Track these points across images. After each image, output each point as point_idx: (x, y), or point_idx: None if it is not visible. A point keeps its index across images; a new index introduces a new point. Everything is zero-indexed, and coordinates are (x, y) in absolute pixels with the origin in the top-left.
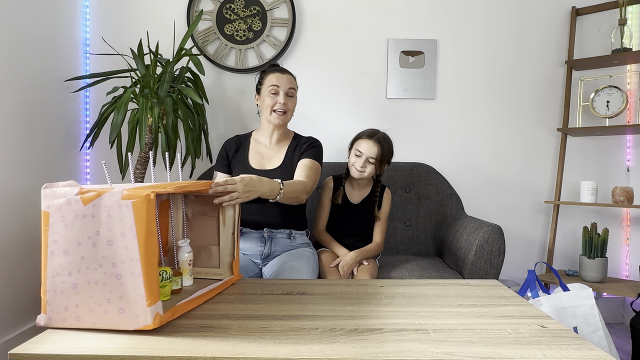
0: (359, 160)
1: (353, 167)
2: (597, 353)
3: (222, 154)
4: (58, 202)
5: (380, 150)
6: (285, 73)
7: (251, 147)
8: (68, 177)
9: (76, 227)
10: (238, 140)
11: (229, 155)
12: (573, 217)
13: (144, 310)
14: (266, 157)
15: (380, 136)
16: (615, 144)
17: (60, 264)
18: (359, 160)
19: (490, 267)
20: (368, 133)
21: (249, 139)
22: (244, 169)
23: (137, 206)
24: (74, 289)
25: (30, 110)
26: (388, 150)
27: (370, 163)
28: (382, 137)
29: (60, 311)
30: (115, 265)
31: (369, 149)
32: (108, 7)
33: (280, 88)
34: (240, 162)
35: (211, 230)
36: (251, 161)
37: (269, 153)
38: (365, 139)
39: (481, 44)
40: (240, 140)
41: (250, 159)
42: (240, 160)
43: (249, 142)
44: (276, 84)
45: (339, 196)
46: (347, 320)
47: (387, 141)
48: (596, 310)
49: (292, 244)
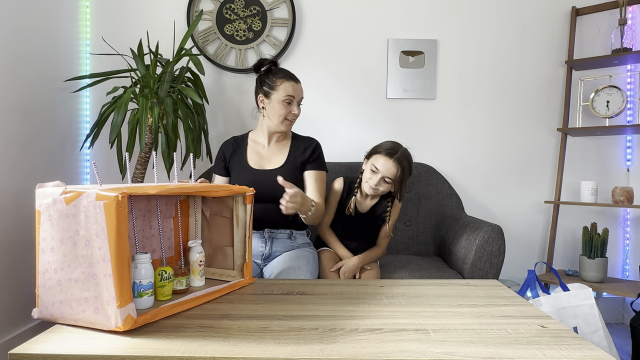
0: (374, 177)
1: (367, 184)
2: (597, 353)
3: (219, 156)
4: (46, 202)
5: (399, 171)
6: (299, 82)
7: (249, 147)
8: (67, 177)
9: (60, 226)
10: (235, 142)
11: (226, 157)
12: (573, 217)
13: (115, 312)
14: (265, 157)
15: (401, 155)
16: (615, 144)
17: (48, 261)
18: (374, 177)
19: (490, 267)
20: (388, 150)
21: (246, 140)
22: (243, 169)
23: (107, 207)
24: (58, 285)
25: (30, 110)
26: (408, 170)
27: (387, 183)
28: (403, 156)
29: (49, 306)
30: (92, 265)
31: (387, 169)
32: (108, 7)
33: (295, 99)
34: (239, 162)
35: (226, 231)
36: (250, 161)
37: (267, 153)
38: (384, 155)
39: (481, 44)
40: (237, 141)
41: (248, 159)
42: (238, 161)
43: (246, 142)
44: (293, 94)
45: (350, 206)
46: (347, 320)
47: (408, 161)
48: (596, 310)
49: (293, 244)
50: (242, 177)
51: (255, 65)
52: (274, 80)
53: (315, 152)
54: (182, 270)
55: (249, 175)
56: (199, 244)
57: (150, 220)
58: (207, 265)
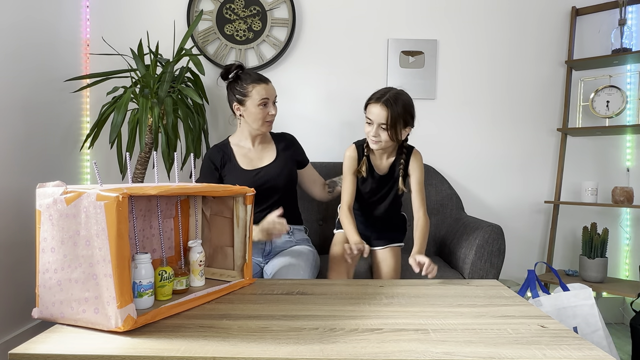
0: (371, 129)
1: (368, 137)
2: (597, 353)
3: (208, 167)
4: (47, 202)
5: (389, 113)
6: (269, 82)
7: (235, 152)
8: (68, 177)
9: (60, 226)
10: (220, 150)
11: (217, 164)
12: (573, 217)
13: (115, 312)
14: (255, 158)
15: (391, 96)
16: (615, 144)
17: (48, 261)
18: (371, 128)
19: (490, 267)
20: (377, 95)
21: (230, 146)
22: (239, 173)
23: (108, 207)
24: (58, 285)
25: (30, 110)
26: (402, 110)
27: (383, 129)
28: (392, 97)
29: (49, 306)
30: (92, 265)
31: (377, 114)
32: (108, 7)
33: (270, 99)
34: (231, 168)
35: (226, 231)
36: (242, 164)
37: (256, 154)
38: (373, 102)
39: (481, 44)
40: (221, 149)
41: (240, 163)
42: (230, 167)
43: (230, 148)
44: (266, 96)
45: (362, 167)
46: (347, 320)
47: (399, 100)
48: (596, 310)
49: (292, 240)
50: (239, 180)
51: (223, 73)
52: (244, 87)
53: (298, 146)
54: (182, 270)
55: (246, 177)
56: (199, 244)
57: (150, 220)
58: (207, 265)
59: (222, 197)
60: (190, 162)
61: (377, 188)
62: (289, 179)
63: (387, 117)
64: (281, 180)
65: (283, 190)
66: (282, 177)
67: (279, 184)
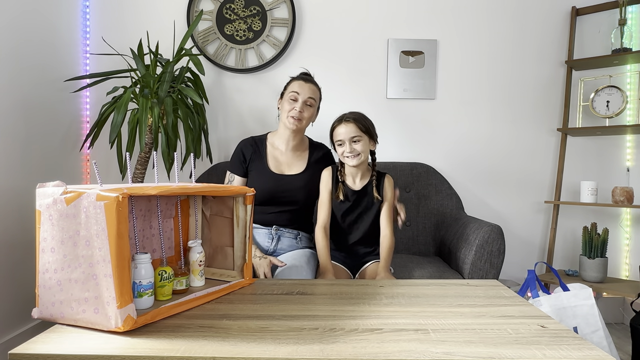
0: (344, 148)
1: (344, 158)
2: (597, 353)
3: (238, 156)
4: (47, 202)
5: (356, 124)
6: (309, 82)
7: (268, 151)
8: (68, 177)
9: (60, 226)
10: (254, 143)
11: (247, 157)
12: (573, 217)
13: (115, 312)
14: (284, 163)
15: (350, 114)
16: (615, 144)
17: (48, 261)
18: (344, 148)
19: (490, 267)
20: (337, 119)
21: (265, 142)
22: (264, 173)
23: (108, 207)
24: (58, 285)
25: (30, 110)
26: (364, 121)
27: (356, 142)
28: (351, 114)
29: (49, 306)
30: (92, 265)
31: (346, 131)
32: (108, 7)
33: (300, 95)
34: (259, 166)
35: (226, 231)
36: (270, 166)
37: (286, 159)
38: (337, 124)
39: (481, 44)
40: (256, 142)
41: (269, 162)
42: (258, 165)
43: (265, 145)
44: (297, 90)
45: (339, 193)
46: (347, 320)
47: (359, 114)
48: (596, 310)
49: (298, 245)
50: (262, 180)
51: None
52: (288, 82)
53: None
54: (182, 270)
55: (270, 179)
56: (199, 244)
57: (150, 220)
58: (207, 265)
59: (222, 197)
60: (190, 162)
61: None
62: (309, 195)
63: (356, 128)
64: (302, 195)
65: (300, 204)
66: (303, 192)
67: (299, 198)
